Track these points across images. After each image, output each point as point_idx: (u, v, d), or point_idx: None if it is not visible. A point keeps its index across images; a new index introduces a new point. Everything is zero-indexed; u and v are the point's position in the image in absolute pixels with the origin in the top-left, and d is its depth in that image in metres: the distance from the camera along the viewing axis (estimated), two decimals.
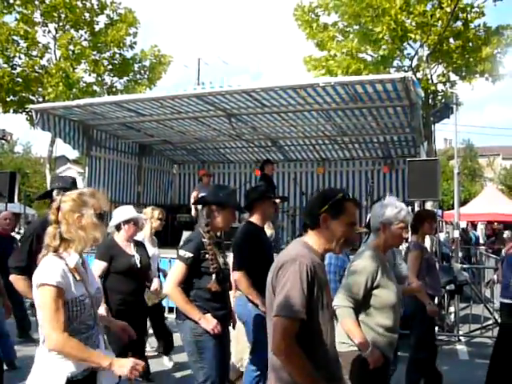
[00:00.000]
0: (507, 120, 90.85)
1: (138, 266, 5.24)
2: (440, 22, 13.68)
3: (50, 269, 2.58)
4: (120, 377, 2.73)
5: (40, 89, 16.38)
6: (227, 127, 11.50)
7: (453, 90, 15.45)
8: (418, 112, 8.86)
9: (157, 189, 14.80)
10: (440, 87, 15.38)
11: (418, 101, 8.57)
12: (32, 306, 9.02)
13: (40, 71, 16.41)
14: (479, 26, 14.31)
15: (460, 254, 13.53)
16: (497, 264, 11.28)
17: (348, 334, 3.38)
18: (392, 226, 3.65)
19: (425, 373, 5.51)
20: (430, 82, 14.53)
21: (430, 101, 14.82)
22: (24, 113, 16.63)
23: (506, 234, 14.14)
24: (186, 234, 8.38)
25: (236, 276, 4.79)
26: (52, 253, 2.66)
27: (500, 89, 79.22)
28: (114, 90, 18.04)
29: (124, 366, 2.55)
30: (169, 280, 4.04)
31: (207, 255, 3.96)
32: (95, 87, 17.50)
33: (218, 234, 4.33)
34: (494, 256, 13.20)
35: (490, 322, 9.16)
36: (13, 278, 4.46)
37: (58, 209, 2.75)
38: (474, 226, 25.05)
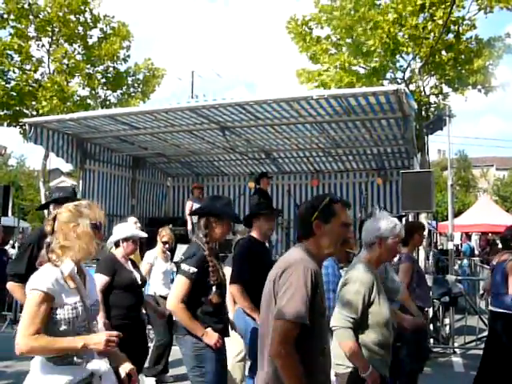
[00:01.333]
0: (501, 131, 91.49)
1: (139, 282, 5.29)
2: (432, 34, 13.79)
3: (42, 276, 2.64)
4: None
5: (34, 102, 16.35)
6: (221, 140, 11.51)
7: (445, 101, 15.54)
8: (411, 124, 8.89)
9: (151, 202, 14.77)
10: (433, 99, 15.45)
11: (411, 113, 8.61)
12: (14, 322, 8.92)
13: (34, 85, 16.39)
14: (471, 38, 14.41)
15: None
16: None
17: (348, 355, 3.34)
18: (388, 240, 3.67)
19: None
20: (423, 93, 14.60)
21: (423, 112, 14.87)
22: (18, 126, 16.59)
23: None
24: (180, 247, 8.37)
25: (231, 289, 4.79)
26: (49, 263, 2.71)
27: (493, 100, 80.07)
28: (107, 103, 18.03)
29: (98, 342, 2.57)
30: (172, 296, 3.99)
31: (209, 268, 3.95)
32: (89, 101, 17.48)
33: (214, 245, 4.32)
34: (489, 267, 13.19)
35: (485, 333, 9.14)
36: (10, 285, 4.44)
37: (54, 219, 2.80)
38: (469, 237, 25.08)
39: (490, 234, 22.54)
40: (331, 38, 15.74)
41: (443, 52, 14.35)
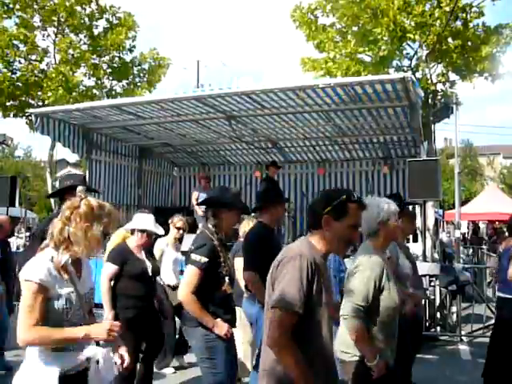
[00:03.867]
0: (508, 119, 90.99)
1: (150, 273, 5.33)
2: (439, 21, 13.68)
3: (36, 266, 2.63)
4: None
5: (40, 93, 16.39)
6: (227, 129, 11.51)
7: (452, 89, 15.47)
8: (417, 112, 8.86)
9: (157, 191, 14.79)
10: (439, 87, 15.37)
11: (418, 101, 8.57)
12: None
13: (40, 75, 16.42)
14: (478, 25, 14.31)
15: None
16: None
17: (356, 344, 3.34)
18: (390, 221, 3.70)
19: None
20: (430, 81, 14.51)
21: (430, 100, 14.79)
22: (24, 117, 16.64)
23: None
24: (187, 237, 8.39)
25: (246, 276, 4.80)
26: (51, 247, 2.71)
27: (500, 88, 79.85)
28: (113, 93, 18.05)
29: (100, 331, 2.58)
30: (183, 286, 3.96)
31: (220, 258, 3.95)
32: (95, 91, 17.51)
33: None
34: (496, 255, 13.18)
35: (492, 321, 9.14)
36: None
37: (77, 207, 2.77)
38: (475, 225, 25.04)
39: (496, 223, 22.50)
40: (336, 26, 15.65)
41: (450, 39, 14.25)
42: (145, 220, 5.39)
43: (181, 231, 7.13)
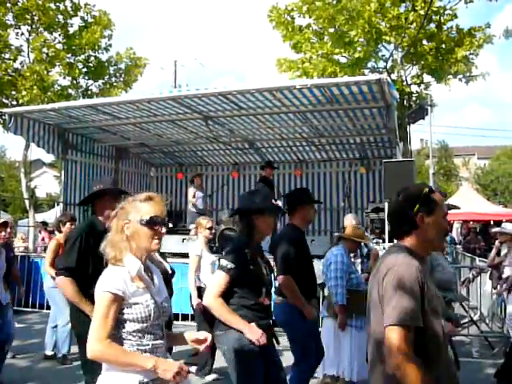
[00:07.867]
0: (483, 120, 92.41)
1: (170, 271, 5.33)
2: (414, 24, 13.85)
3: (110, 277, 2.55)
4: None
5: (14, 92, 16.14)
6: (204, 130, 11.48)
7: (427, 91, 15.66)
8: (393, 113, 8.94)
9: (134, 192, 14.58)
10: (415, 89, 15.56)
11: (394, 102, 8.65)
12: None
13: (13, 74, 16.16)
14: (452, 27, 14.52)
15: None
16: (472, 263, 11.41)
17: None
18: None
19: None
20: (405, 83, 14.68)
21: (405, 102, 14.97)
22: None
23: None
24: (166, 238, 8.30)
25: (281, 280, 4.65)
26: (111, 263, 2.62)
27: (474, 90, 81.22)
28: (89, 93, 17.85)
29: (169, 369, 2.48)
30: (209, 291, 3.79)
31: (251, 266, 3.76)
32: (70, 90, 17.30)
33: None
34: (470, 255, 13.36)
35: (466, 320, 9.27)
36: (60, 280, 4.05)
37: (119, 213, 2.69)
38: (450, 225, 25.32)
39: (471, 222, 22.78)
40: (312, 28, 15.74)
41: (425, 42, 14.45)
42: None
43: (212, 230, 7.02)
